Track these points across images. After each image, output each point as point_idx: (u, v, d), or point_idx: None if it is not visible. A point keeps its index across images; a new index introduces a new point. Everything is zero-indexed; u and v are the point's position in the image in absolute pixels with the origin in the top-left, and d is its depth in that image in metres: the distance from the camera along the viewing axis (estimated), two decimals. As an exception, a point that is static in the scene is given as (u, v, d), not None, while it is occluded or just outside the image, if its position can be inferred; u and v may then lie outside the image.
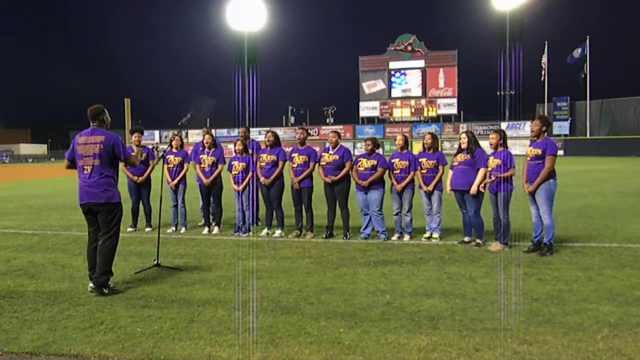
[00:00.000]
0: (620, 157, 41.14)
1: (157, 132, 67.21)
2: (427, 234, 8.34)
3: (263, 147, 9.16)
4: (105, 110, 5.93)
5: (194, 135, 57.72)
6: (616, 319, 4.65)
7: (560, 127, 55.99)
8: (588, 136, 53.90)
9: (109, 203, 5.74)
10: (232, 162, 9.05)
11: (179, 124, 7.05)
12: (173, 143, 9.48)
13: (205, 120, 62.52)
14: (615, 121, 55.98)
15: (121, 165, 8.69)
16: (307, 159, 8.70)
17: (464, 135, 7.95)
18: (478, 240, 7.82)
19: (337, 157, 8.52)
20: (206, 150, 9.27)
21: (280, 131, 59.17)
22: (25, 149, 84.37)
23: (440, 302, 5.18)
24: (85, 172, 5.74)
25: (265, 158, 8.80)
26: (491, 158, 7.59)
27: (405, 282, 5.94)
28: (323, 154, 8.65)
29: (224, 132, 63.64)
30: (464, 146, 7.86)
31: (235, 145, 9.12)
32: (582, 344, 4.14)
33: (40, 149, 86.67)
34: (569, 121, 56.42)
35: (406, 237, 8.35)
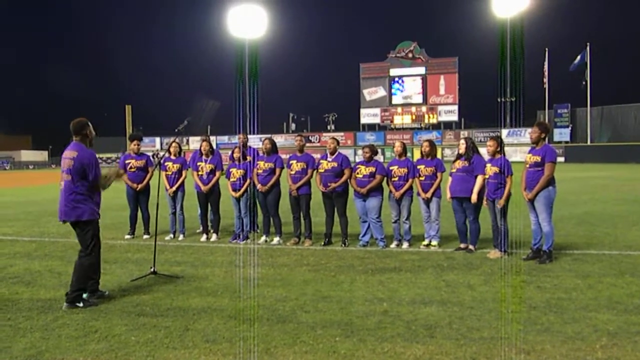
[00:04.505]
0: (621, 164, 41.05)
1: (158, 139, 67.17)
2: (425, 242, 8.29)
3: (260, 154, 9.13)
4: (89, 124, 5.71)
5: (195, 143, 57.68)
6: (615, 328, 4.60)
7: (561, 134, 55.93)
8: (589, 143, 53.81)
9: (79, 221, 5.55)
10: (230, 169, 9.02)
11: (176, 130, 7.05)
12: (171, 150, 9.48)
13: (206, 128, 62.49)
14: (616, 128, 55.91)
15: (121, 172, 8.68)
16: (305, 166, 8.67)
17: (462, 142, 7.94)
18: (471, 247, 7.79)
19: (335, 164, 8.49)
20: (204, 157, 9.25)
21: (281, 138, 59.24)
22: (26, 155, 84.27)
23: (438, 311, 5.13)
24: (61, 187, 5.63)
25: (263, 165, 8.77)
26: (488, 165, 7.56)
27: (403, 290, 5.89)
28: (321, 161, 8.61)
29: (224, 138, 63.62)
30: (461, 152, 7.84)
31: (233, 153, 9.09)
32: (580, 353, 4.10)
33: (41, 155, 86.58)
34: (569, 128, 56.37)
35: (405, 245, 8.30)
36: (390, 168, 8.37)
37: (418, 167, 8.26)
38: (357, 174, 8.40)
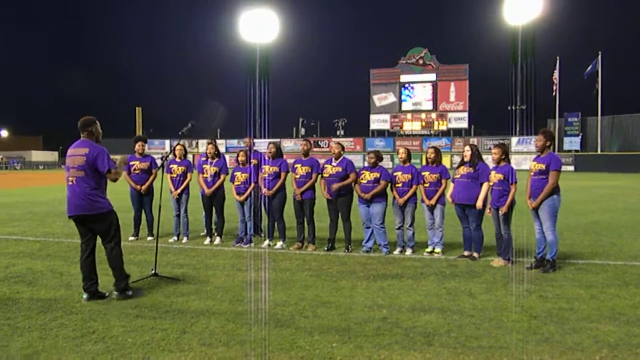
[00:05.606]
0: (631, 173, 40.76)
1: (167, 142, 67.39)
2: (429, 249, 8.25)
3: (266, 158, 9.13)
4: (97, 122, 5.92)
5: (203, 146, 57.81)
6: (616, 339, 4.54)
7: (571, 143, 55.62)
8: (599, 152, 53.49)
9: (100, 214, 5.74)
10: (235, 173, 9.02)
11: (180, 133, 7.07)
12: (176, 152, 9.51)
13: (216, 131, 62.77)
14: (626, 137, 55.51)
15: (124, 174, 8.73)
16: (309, 170, 8.66)
17: (467, 148, 7.90)
18: (475, 254, 7.74)
19: (340, 169, 8.47)
20: (209, 160, 9.26)
21: (290, 142, 59.42)
22: (37, 155, 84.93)
23: (437, 318, 5.09)
24: (71, 183, 5.73)
25: (268, 169, 8.77)
26: (493, 173, 7.51)
27: (404, 296, 5.85)
28: (326, 165, 8.59)
29: (234, 142, 63.78)
30: (466, 159, 7.81)
31: (238, 156, 9.09)
32: (579, 364, 4.05)
33: (52, 155, 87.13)
34: (580, 137, 56.05)
35: (408, 251, 8.26)
36: (394, 174, 8.34)
37: (422, 173, 8.22)
38: (362, 179, 8.38)
